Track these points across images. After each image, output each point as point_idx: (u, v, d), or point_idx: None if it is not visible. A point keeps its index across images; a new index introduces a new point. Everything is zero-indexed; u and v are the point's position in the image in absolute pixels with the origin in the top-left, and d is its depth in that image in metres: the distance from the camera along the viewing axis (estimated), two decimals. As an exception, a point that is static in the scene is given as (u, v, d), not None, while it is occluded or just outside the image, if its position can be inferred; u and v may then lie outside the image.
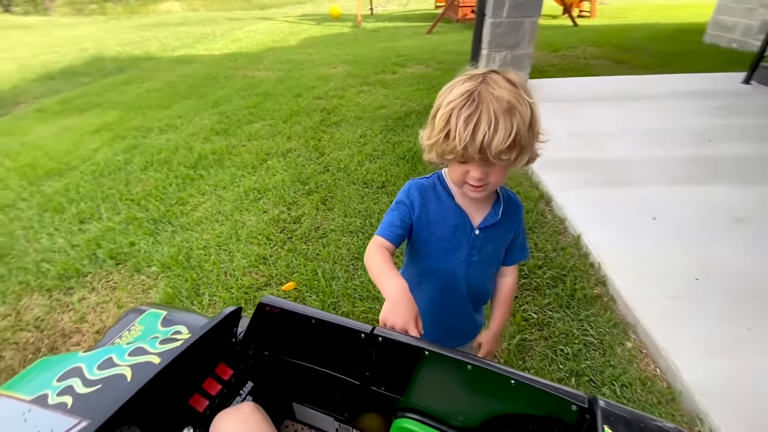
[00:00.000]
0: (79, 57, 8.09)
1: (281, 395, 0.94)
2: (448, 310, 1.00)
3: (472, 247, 0.91)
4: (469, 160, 0.76)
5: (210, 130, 4.01)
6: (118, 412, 0.63)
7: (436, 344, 0.67)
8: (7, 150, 3.86)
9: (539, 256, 2.15)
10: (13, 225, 2.66)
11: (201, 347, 0.76)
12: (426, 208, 0.90)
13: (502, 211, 0.91)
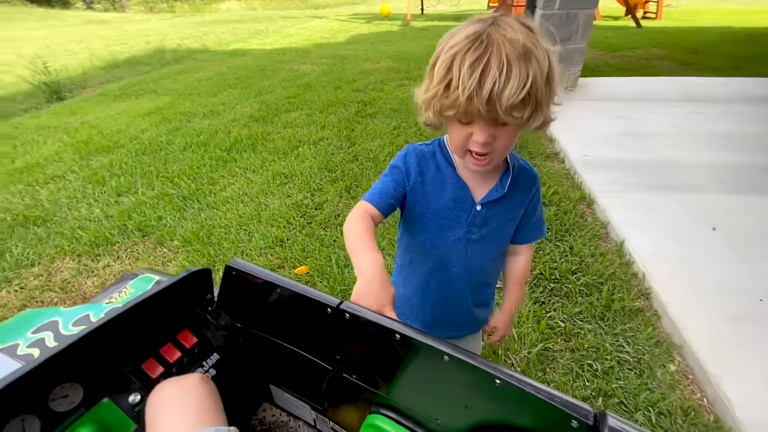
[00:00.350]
0: (144, 49, 8.67)
1: (256, 375, 0.86)
2: (440, 295, 0.87)
3: (471, 224, 0.79)
4: (474, 119, 0.63)
5: (249, 117, 4.10)
6: (54, 363, 0.58)
7: (411, 327, 0.55)
8: (67, 127, 4.17)
9: (574, 261, 1.94)
10: (59, 194, 2.84)
11: (160, 308, 0.70)
12: (422, 177, 0.78)
13: (509, 184, 0.77)
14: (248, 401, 0.91)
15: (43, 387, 0.59)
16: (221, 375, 0.79)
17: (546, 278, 1.85)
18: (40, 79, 5.54)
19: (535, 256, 1.99)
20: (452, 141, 0.71)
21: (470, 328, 0.97)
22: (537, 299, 1.76)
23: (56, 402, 0.61)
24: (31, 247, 2.29)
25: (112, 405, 0.65)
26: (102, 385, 0.65)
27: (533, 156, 2.98)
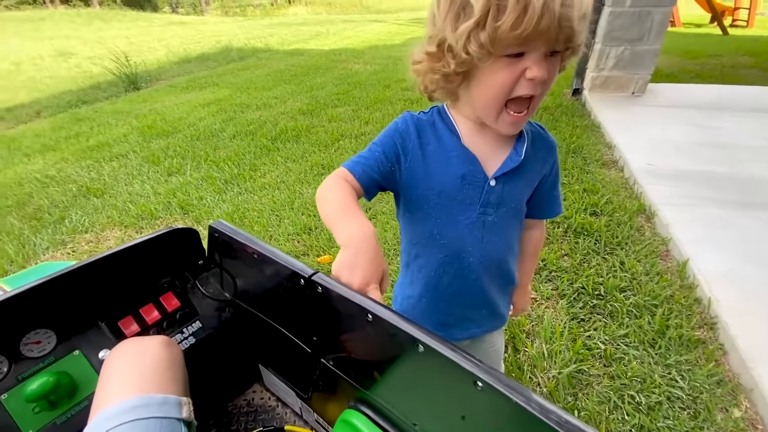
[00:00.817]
0: (213, 47, 9.29)
1: (244, 351, 0.82)
2: (455, 290, 0.74)
3: (486, 204, 0.66)
4: (533, 46, 0.50)
5: (298, 110, 4.20)
6: (27, 300, 0.56)
7: (387, 307, 0.47)
8: (137, 113, 4.53)
9: (624, 277, 1.72)
10: (119, 170, 3.06)
11: (141, 262, 0.67)
12: (423, 150, 0.65)
13: (526, 150, 0.65)
14: (237, 378, 0.87)
15: (15, 328, 0.58)
16: (207, 346, 0.75)
17: (588, 293, 1.65)
18: (122, 71, 6.11)
19: (578, 268, 1.79)
20: (486, 94, 0.56)
21: (491, 323, 0.83)
22: (575, 315, 1.57)
23: (28, 347, 0.60)
24: (87, 215, 2.47)
25: (83, 358, 0.63)
26: (76, 337, 0.63)
27: (587, 162, 2.73)
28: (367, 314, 0.47)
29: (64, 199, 2.68)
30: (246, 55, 8.18)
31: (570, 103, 3.94)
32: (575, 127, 3.30)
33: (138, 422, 0.46)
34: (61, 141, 3.83)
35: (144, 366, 0.54)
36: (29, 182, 2.96)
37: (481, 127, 0.65)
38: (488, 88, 0.56)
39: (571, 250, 1.90)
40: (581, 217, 2.09)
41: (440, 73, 0.58)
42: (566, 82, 4.59)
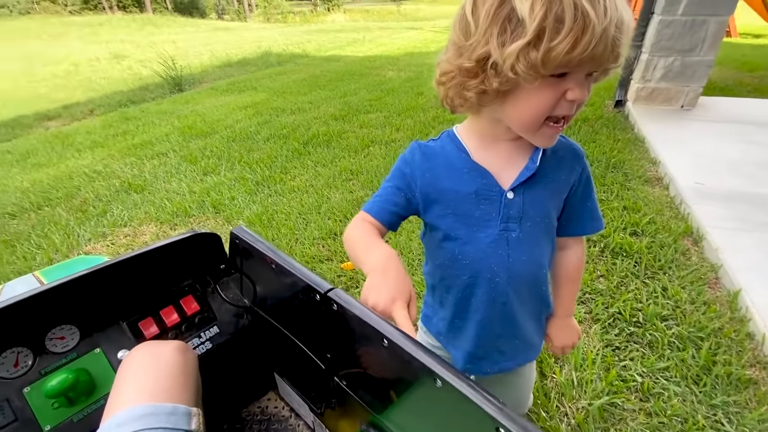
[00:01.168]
0: (254, 52, 9.64)
1: (261, 359, 0.81)
2: (484, 316, 0.69)
3: (507, 219, 0.62)
4: (577, 68, 0.48)
5: (330, 115, 4.25)
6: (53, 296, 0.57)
7: (403, 333, 0.44)
8: (179, 114, 4.74)
9: (666, 305, 1.59)
10: (159, 168, 3.20)
11: (163, 265, 0.68)
12: (432, 173, 0.64)
13: (542, 158, 0.61)
14: (252, 385, 0.86)
15: (43, 322, 0.60)
16: (224, 352, 0.75)
17: (625, 319, 1.54)
18: (168, 73, 6.45)
19: (614, 291, 1.68)
20: (526, 114, 0.54)
21: (524, 356, 0.77)
22: (609, 342, 1.47)
23: (52, 342, 0.62)
24: (127, 210, 2.59)
25: (103, 356, 0.64)
26: (98, 335, 0.64)
27: (628, 178, 2.58)
28: (383, 339, 0.44)
29: (108, 194, 2.83)
30: (284, 60, 8.43)
31: (612, 115, 3.76)
32: (616, 140, 3.14)
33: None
34: (109, 138, 4.07)
35: (157, 371, 0.54)
36: (78, 176, 3.15)
37: (492, 141, 0.63)
38: (528, 107, 0.53)
39: (607, 272, 1.79)
40: (620, 237, 1.97)
41: (476, 90, 0.54)
42: (608, 93, 4.40)
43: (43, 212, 2.65)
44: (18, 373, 0.58)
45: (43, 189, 2.97)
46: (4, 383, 0.57)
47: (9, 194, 2.94)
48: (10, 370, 0.58)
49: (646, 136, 3.14)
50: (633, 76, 3.79)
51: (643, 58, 3.57)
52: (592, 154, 2.89)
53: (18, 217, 2.62)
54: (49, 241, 2.28)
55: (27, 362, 0.59)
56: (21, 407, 0.57)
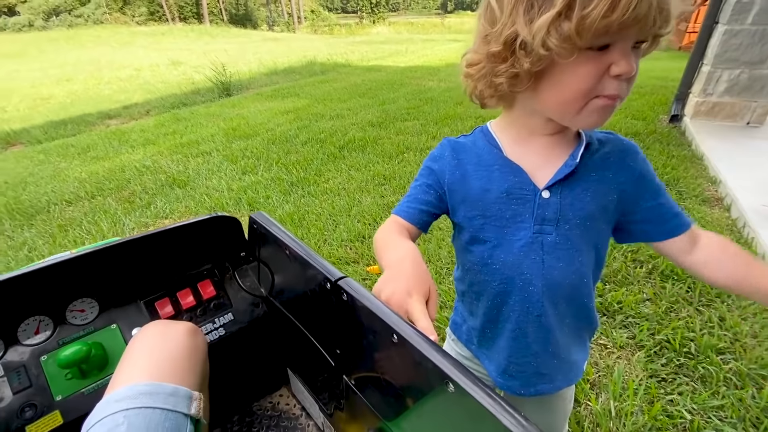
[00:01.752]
0: (299, 61, 9.99)
1: (273, 352, 0.79)
2: (517, 328, 0.62)
3: (542, 221, 0.56)
4: (619, 37, 0.43)
5: (368, 122, 4.29)
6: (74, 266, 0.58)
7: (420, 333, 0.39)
8: (225, 116, 4.97)
9: (723, 336, 1.43)
10: (202, 166, 3.35)
11: (182, 245, 0.67)
12: (461, 170, 0.60)
13: (582, 154, 0.54)
14: (264, 378, 0.84)
15: (65, 293, 0.61)
16: (237, 341, 0.73)
17: (674, 349, 1.39)
18: (218, 79, 6.81)
19: (662, 317, 1.53)
20: (567, 89, 0.47)
21: (564, 378, 0.68)
22: (655, 372, 1.33)
23: (73, 314, 0.63)
24: (170, 203, 2.72)
25: (118, 332, 0.64)
26: (116, 311, 0.65)
27: (683, 197, 2.38)
28: (393, 334, 0.40)
29: (153, 187, 2.98)
30: (327, 69, 8.66)
31: (666, 130, 3.52)
32: (670, 156, 2.92)
33: (143, 410, 0.44)
34: (160, 137, 4.32)
35: (164, 351, 0.53)
36: (129, 170, 3.36)
37: (528, 135, 0.57)
38: (567, 87, 0.47)
39: (655, 296, 1.64)
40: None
41: (507, 75, 0.49)
42: (663, 108, 4.14)
43: (96, 201, 2.84)
44: (37, 341, 0.59)
45: (98, 180, 3.18)
46: (23, 349, 0.58)
47: (69, 183, 3.18)
48: (30, 337, 0.59)
49: (705, 153, 2.90)
50: (692, 90, 3.54)
51: (705, 70, 3.33)
52: (641, 170, 2.71)
53: (74, 204, 2.82)
54: (97, 228, 2.43)
55: (47, 331, 0.61)
56: (36, 374, 0.58)
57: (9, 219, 2.63)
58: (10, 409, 0.56)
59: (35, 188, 3.14)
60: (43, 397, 0.58)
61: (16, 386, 0.57)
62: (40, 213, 2.71)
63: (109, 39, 17.17)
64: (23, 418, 0.56)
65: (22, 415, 0.56)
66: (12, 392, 0.56)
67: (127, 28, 21.60)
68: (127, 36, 18.05)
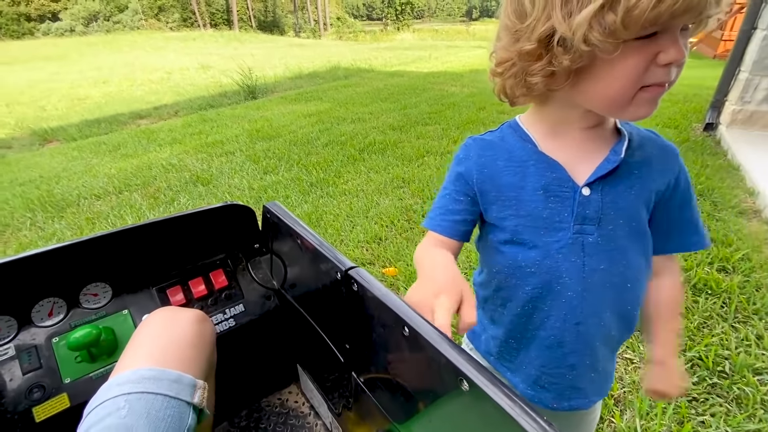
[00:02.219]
0: (324, 66, 10.14)
1: (283, 347, 0.77)
2: (550, 336, 0.57)
3: (582, 221, 0.52)
4: (670, 24, 0.40)
5: (389, 126, 4.29)
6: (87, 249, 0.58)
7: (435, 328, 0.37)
8: (249, 118, 5.07)
9: (761, 356, 1.33)
10: (225, 165, 3.41)
11: (195, 233, 0.67)
12: (491, 168, 0.55)
13: (626, 150, 0.51)
14: (273, 374, 0.83)
15: (78, 275, 0.61)
16: (246, 333, 0.72)
17: (706, 367, 1.31)
18: (245, 82, 6.98)
19: (694, 333, 1.44)
20: (613, 82, 0.44)
21: (599, 391, 0.63)
22: (686, 391, 1.25)
23: (86, 297, 0.63)
24: (192, 200, 2.78)
25: (129, 318, 0.64)
26: (128, 296, 0.65)
27: (718, 208, 2.26)
28: (404, 327, 0.37)
29: (178, 184, 3.06)
30: (351, 74, 8.75)
31: (700, 138, 3.37)
32: (704, 166, 2.79)
33: (145, 396, 0.43)
34: (186, 136, 4.44)
35: (171, 337, 0.52)
36: (156, 167, 3.45)
37: (566, 128, 0.53)
38: (614, 81, 0.44)
39: (687, 310, 1.55)
40: (705, 272, 1.71)
41: (543, 74, 0.45)
42: (696, 116, 3.97)
43: (123, 196, 2.93)
44: (51, 323, 0.60)
45: (125, 176, 3.29)
46: (36, 330, 0.59)
47: (99, 179, 3.30)
48: (44, 318, 0.60)
49: (742, 164, 2.75)
50: (728, 97, 3.38)
51: (742, 78, 3.17)
52: (673, 179, 2.59)
53: (102, 198, 2.92)
54: (122, 221, 2.50)
55: (60, 314, 0.61)
56: (47, 356, 0.59)
57: (42, 211, 2.74)
58: (19, 390, 0.56)
59: (67, 182, 3.27)
60: (52, 380, 0.58)
61: (26, 367, 0.57)
62: (70, 206, 2.81)
63: (144, 44, 17.93)
64: (31, 399, 0.56)
65: (30, 396, 0.56)
66: (22, 373, 0.56)
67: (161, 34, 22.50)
68: (160, 41, 18.80)
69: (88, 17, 29.49)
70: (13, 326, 0.58)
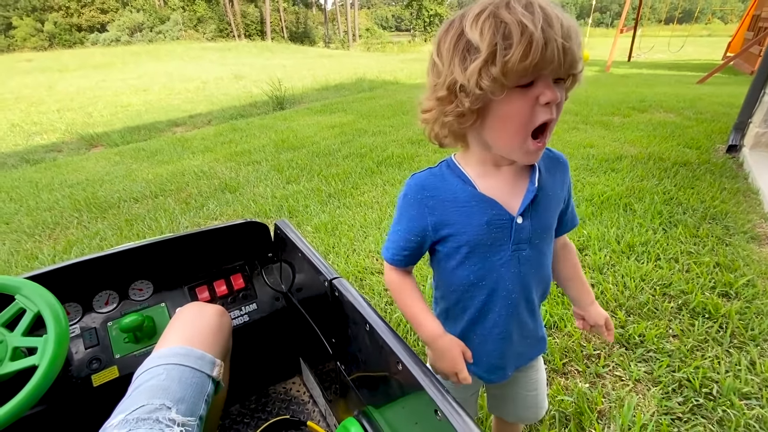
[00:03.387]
0: (350, 77, 10.43)
1: (288, 341, 0.91)
2: (502, 329, 0.73)
3: (518, 242, 0.66)
4: (539, 74, 0.52)
5: (408, 139, 4.43)
6: (137, 254, 0.74)
7: (386, 324, 0.49)
8: (276, 128, 5.33)
9: (750, 380, 1.36)
10: (251, 174, 3.64)
11: (219, 243, 0.82)
12: (441, 209, 0.66)
13: (540, 177, 0.66)
14: (279, 365, 0.96)
15: (128, 274, 0.77)
16: (258, 328, 0.86)
17: (694, 388, 1.35)
18: (274, 93, 7.31)
19: (686, 355, 1.49)
20: (506, 127, 0.57)
21: (536, 350, 0.84)
22: (670, 410, 1.30)
23: (133, 291, 0.79)
24: (220, 206, 3.00)
25: (165, 310, 0.79)
26: (165, 292, 0.80)
27: (730, 232, 2.26)
28: (366, 323, 0.50)
29: (208, 191, 3.29)
30: (375, 86, 8.98)
31: (721, 160, 3.33)
32: (721, 189, 2.77)
33: (177, 366, 0.57)
34: (218, 145, 4.73)
35: (198, 325, 0.67)
36: (189, 174, 3.72)
37: (494, 168, 0.65)
38: (507, 119, 0.57)
39: (681, 332, 1.59)
40: (704, 296, 1.74)
41: (453, 114, 0.58)
42: (721, 137, 3.91)
43: (158, 200, 3.19)
44: (106, 310, 0.76)
45: (161, 181, 3.56)
46: (96, 315, 0.75)
47: (137, 183, 3.59)
48: (102, 307, 0.76)
49: (761, 188, 2.72)
50: (752, 119, 3.33)
51: (766, 100, 3.13)
52: (687, 202, 2.60)
53: (140, 202, 3.19)
54: (157, 224, 2.73)
55: (114, 303, 0.77)
56: (103, 336, 0.74)
57: (87, 211, 3.03)
58: (82, 361, 0.72)
59: (110, 186, 3.58)
60: (106, 354, 0.73)
61: (87, 343, 0.73)
62: (111, 208, 3.09)
63: (183, 53, 18.94)
64: (90, 368, 0.72)
65: (90, 366, 0.72)
66: (84, 347, 0.72)
67: (198, 44, 23.68)
68: (198, 51, 19.80)
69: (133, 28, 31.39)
70: (78, 311, 0.74)
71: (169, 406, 0.53)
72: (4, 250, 2.55)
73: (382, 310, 1.78)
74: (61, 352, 0.57)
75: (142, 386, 0.55)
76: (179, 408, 0.54)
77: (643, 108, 5.29)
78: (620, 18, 10.79)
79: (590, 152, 3.62)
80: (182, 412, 0.54)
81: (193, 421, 0.54)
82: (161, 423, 0.51)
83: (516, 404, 0.89)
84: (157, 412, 0.52)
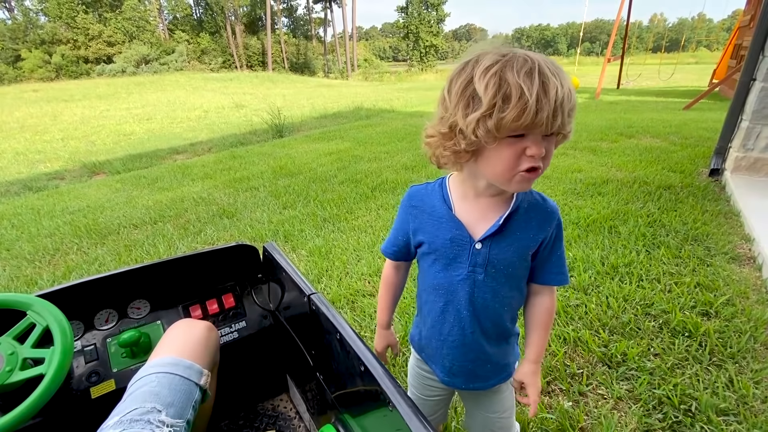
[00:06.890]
0: (347, 106, 10.75)
1: (275, 359, 0.96)
2: (455, 340, 0.81)
3: (474, 264, 0.74)
4: (530, 131, 0.60)
5: (402, 165, 4.56)
6: (134, 276, 0.81)
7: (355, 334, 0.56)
8: (274, 155, 5.48)
9: (728, 398, 1.40)
10: (249, 200, 3.73)
11: (211, 264, 0.89)
12: (421, 218, 0.78)
13: (513, 217, 0.70)
14: (267, 381, 1.01)
15: (127, 294, 0.83)
16: (246, 344, 0.92)
17: (673, 405, 1.39)
18: (273, 121, 7.53)
19: (666, 372, 1.53)
20: (495, 169, 0.65)
21: (497, 378, 0.87)
22: (650, 427, 1.33)
23: (132, 309, 0.85)
24: (217, 231, 3.07)
25: (161, 327, 0.85)
26: (161, 311, 0.86)
27: (711, 253, 2.33)
28: (337, 333, 0.57)
29: (206, 216, 3.37)
30: (372, 114, 9.25)
31: (704, 184, 3.44)
32: (703, 211, 2.87)
33: (167, 375, 0.63)
34: (217, 172, 4.85)
35: (188, 339, 0.73)
36: (188, 200, 3.81)
37: (474, 197, 0.73)
38: (496, 164, 0.65)
39: (662, 351, 1.64)
40: (684, 315, 1.79)
41: (451, 150, 0.67)
42: (705, 161, 4.05)
43: (157, 226, 3.26)
44: (106, 327, 0.82)
45: (161, 208, 3.65)
46: (96, 332, 0.81)
47: (137, 210, 3.67)
48: (102, 324, 0.82)
49: (742, 210, 2.81)
50: (732, 144, 3.47)
51: (744, 126, 3.28)
52: (670, 224, 2.69)
53: (139, 228, 3.26)
54: (155, 250, 2.80)
55: (113, 321, 0.83)
56: (102, 351, 0.80)
57: (87, 237, 3.09)
58: (82, 375, 0.77)
59: (110, 212, 3.66)
60: (105, 369, 0.79)
61: (88, 358, 0.78)
62: (111, 234, 3.16)
63: (186, 84, 19.53)
64: (89, 381, 0.77)
65: (88, 379, 0.77)
66: (85, 362, 0.78)
67: (201, 75, 24.44)
68: (200, 81, 20.43)
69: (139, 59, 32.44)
70: (80, 328, 0.80)
71: (159, 409, 0.59)
72: (4, 275, 2.60)
73: (372, 332, 1.82)
74: (66, 362, 0.63)
75: (136, 392, 0.61)
76: (169, 411, 0.60)
77: (631, 133, 5.46)
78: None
79: (578, 176, 3.73)
80: (171, 415, 0.60)
81: (181, 423, 0.60)
82: (152, 424, 0.57)
83: (484, 425, 0.93)
84: (149, 414, 0.58)
